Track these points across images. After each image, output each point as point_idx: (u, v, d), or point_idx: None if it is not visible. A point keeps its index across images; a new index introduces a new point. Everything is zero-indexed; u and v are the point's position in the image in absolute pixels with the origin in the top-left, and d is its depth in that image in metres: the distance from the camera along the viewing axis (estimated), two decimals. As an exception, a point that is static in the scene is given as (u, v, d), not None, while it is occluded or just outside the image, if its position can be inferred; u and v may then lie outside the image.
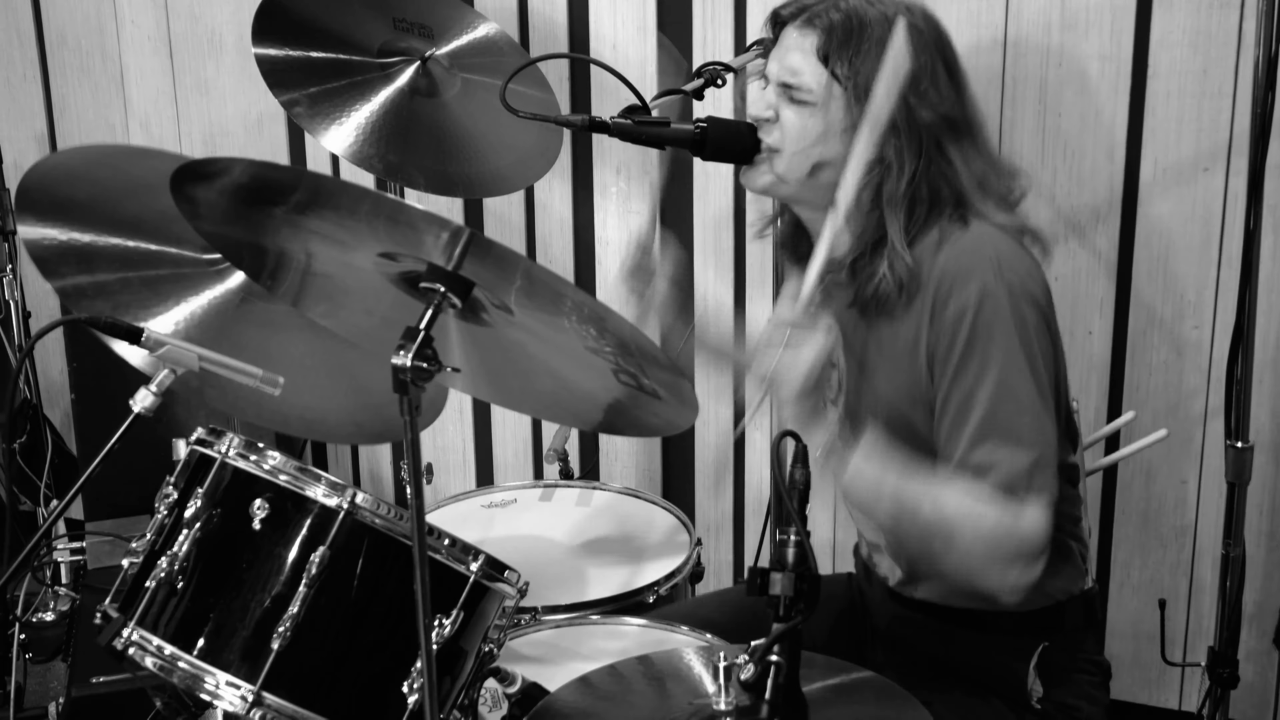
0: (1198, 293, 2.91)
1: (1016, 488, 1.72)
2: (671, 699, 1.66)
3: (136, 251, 1.97)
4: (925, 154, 1.81)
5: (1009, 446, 1.73)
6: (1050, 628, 1.90)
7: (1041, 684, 1.91)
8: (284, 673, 1.57)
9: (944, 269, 1.79)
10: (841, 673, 1.68)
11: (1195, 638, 3.16)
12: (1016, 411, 1.74)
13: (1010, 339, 1.75)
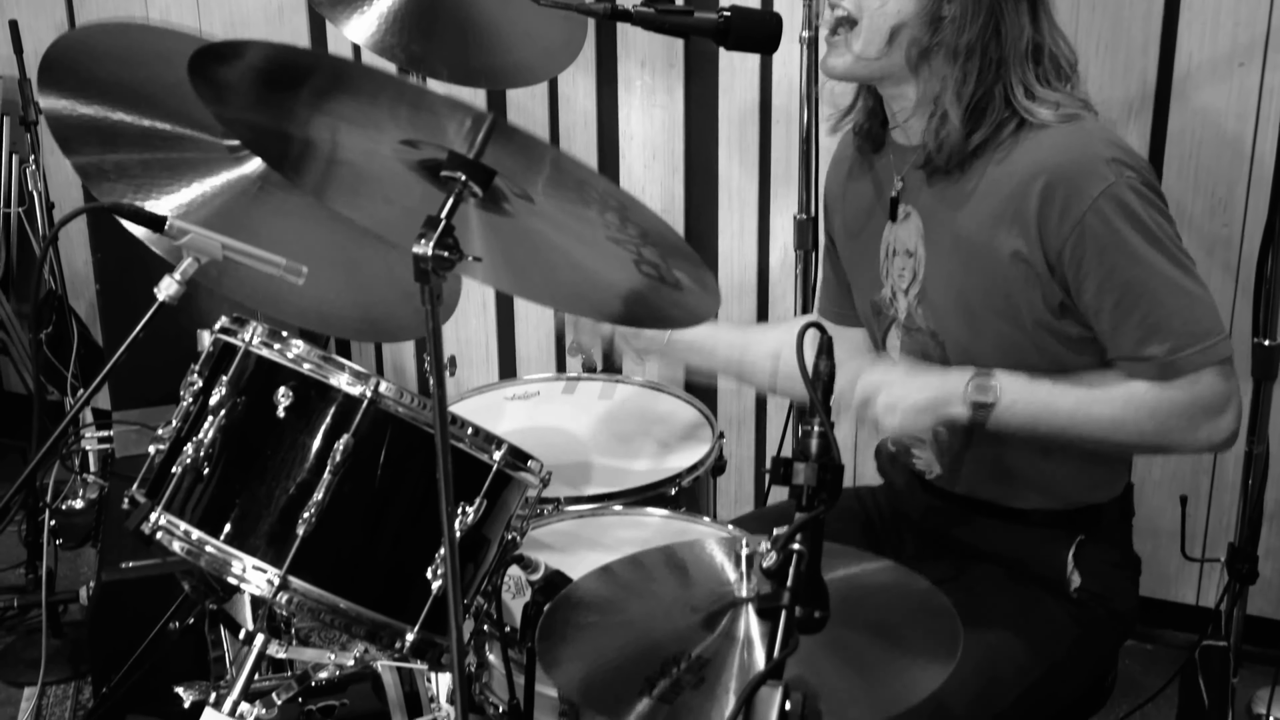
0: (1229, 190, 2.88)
1: (1188, 366, 1.75)
2: (693, 588, 1.68)
3: (158, 133, 1.95)
4: (989, 9, 1.78)
5: (1174, 334, 1.74)
6: (1088, 522, 1.90)
7: (1079, 575, 1.92)
8: (309, 558, 1.59)
9: (1051, 162, 1.77)
10: (863, 561, 1.69)
11: (1215, 534, 3.17)
12: (1175, 297, 1.75)
13: (1149, 228, 1.75)
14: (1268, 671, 2.97)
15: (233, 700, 1.62)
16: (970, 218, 1.85)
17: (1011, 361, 1.84)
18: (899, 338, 2.01)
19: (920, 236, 1.93)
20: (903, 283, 1.97)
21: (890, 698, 1.42)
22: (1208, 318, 1.76)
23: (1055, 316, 1.82)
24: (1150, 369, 1.76)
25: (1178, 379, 1.75)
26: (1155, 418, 1.77)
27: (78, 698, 3.38)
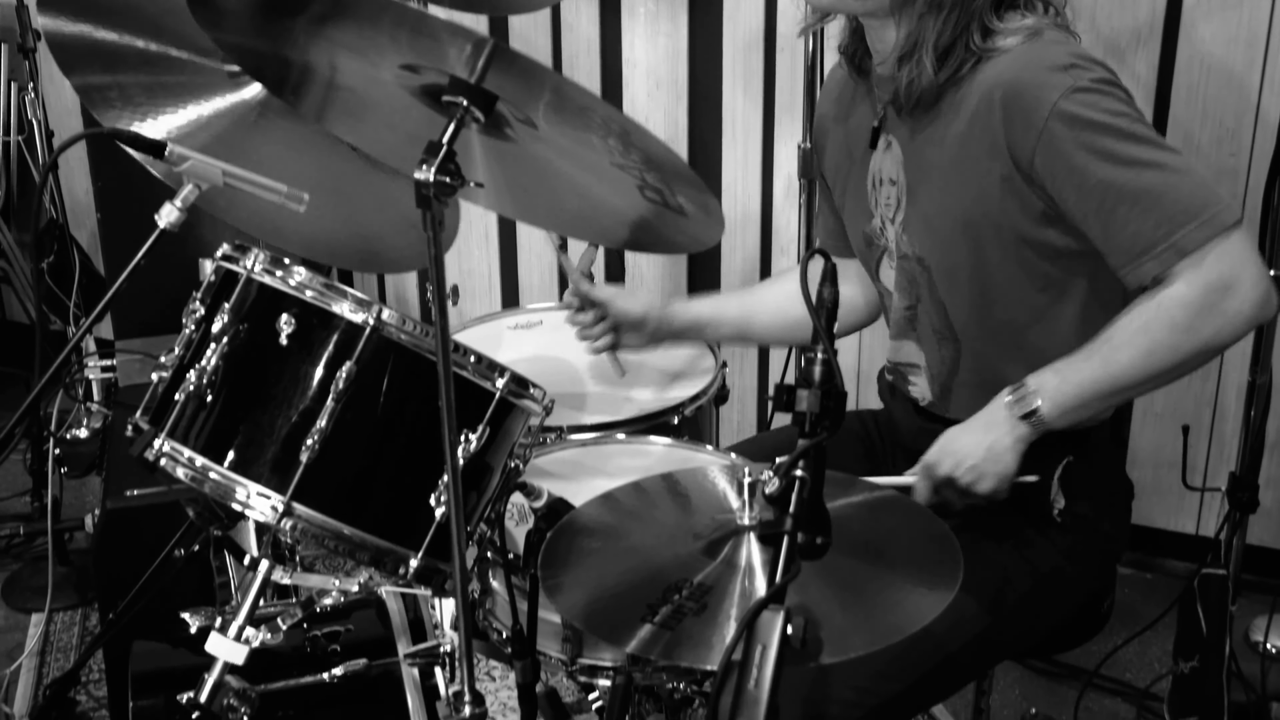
0: (1237, 119, 2.86)
1: (1191, 245, 1.71)
2: (695, 514, 1.68)
3: (159, 56, 1.94)
4: None
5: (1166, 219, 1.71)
6: (1075, 445, 1.91)
7: (1064, 497, 1.93)
8: (313, 484, 1.59)
9: (1008, 77, 1.77)
10: (865, 490, 1.70)
11: (1216, 464, 3.18)
12: (1158, 182, 1.73)
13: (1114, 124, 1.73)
14: (1266, 600, 2.99)
15: (238, 625, 1.63)
16: (942, 144, 1.86)
17: (995, 283, 1.86)
18: (891, 268, 2.02)
19: (900, 165, 1.94)
20: (889, 211, 1.98)
21: (890, 626, 1.43)
22: (1198, 193, 1.72)
23: (1038, 225, 1.82)
24: (1155, 264, 1.73)
25: (1184, 267, 1.71)
26: (1177, 326, 1.74)
27: (85, 624, 3.41)
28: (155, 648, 2.16)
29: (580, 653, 1.84)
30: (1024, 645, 2.06)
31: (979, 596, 1.88)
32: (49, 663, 3.25)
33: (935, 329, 1.98)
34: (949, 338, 1.97)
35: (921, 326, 2.01)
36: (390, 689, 2.05)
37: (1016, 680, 3.15)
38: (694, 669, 1.82)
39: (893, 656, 1.73)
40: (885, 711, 1.83)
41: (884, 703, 1.82)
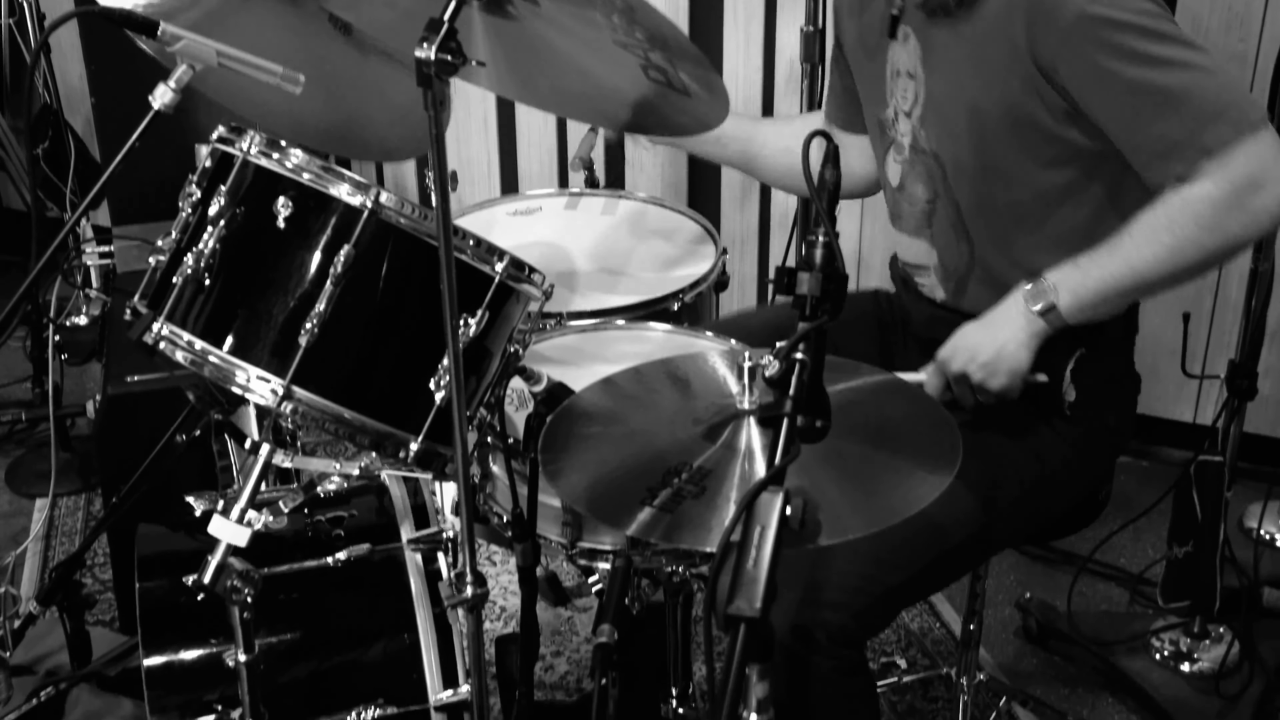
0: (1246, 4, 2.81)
1: (1217, 144, 1.69)
2: (695, 399, 1.69)
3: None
4: None
5: (1192, 117, 1.70)
6: (1090, 338, 1.90)
7: (1075, 390, 1.93)
8: (312, 368, 1.59)
9: None
10: (866, 375, 1.70)
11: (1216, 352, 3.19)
12: (1184, 81, 1.70)
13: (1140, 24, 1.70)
14: (1260, 488, 3.02)
15: (240, 508, 1.64)
16: (961, 42, 1.83)
17: (1011, 182, 1.84)
18: (898, 163, 2.00)
19: (918, 59, 1.91)
20: (905, 104, 1.95)
21: (888, 509, 1.44)
22: (1225, 92, 1.70)
23: (1059, 124, 1.79)
24: (1180, 164, 1.71)
25: (1210, 166, 1.69)
26: (1203, 224, 1.72)
27: (89, 509, 3.44)
28: (159, 531, 2.18)
29: (580, 536, 1.86)
30: (1021, 537, 2.07)
31: (983, 487, 1.89)
32: (54, 547, 3.29)
33: (951, 225, 1.96)
34: (963, 235, 1.95)
35: (938, 222, 1.99)
36: (393, 573, 2.07)
37: (1012, 566, 3.18)
38: (693, 552, 1.84)
39: (895, 544, 1.75)
40: (887, 600, 1.85)
41: (886, 591, 1.83)
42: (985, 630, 2.70)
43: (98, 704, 2.55)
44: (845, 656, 1.81)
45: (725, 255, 2.41)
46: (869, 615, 1.82)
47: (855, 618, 1.79)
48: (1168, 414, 3.47)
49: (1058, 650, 2.88)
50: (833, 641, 1.79)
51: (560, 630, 2.93)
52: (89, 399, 3.27)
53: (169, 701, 1.98)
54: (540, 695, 2.72)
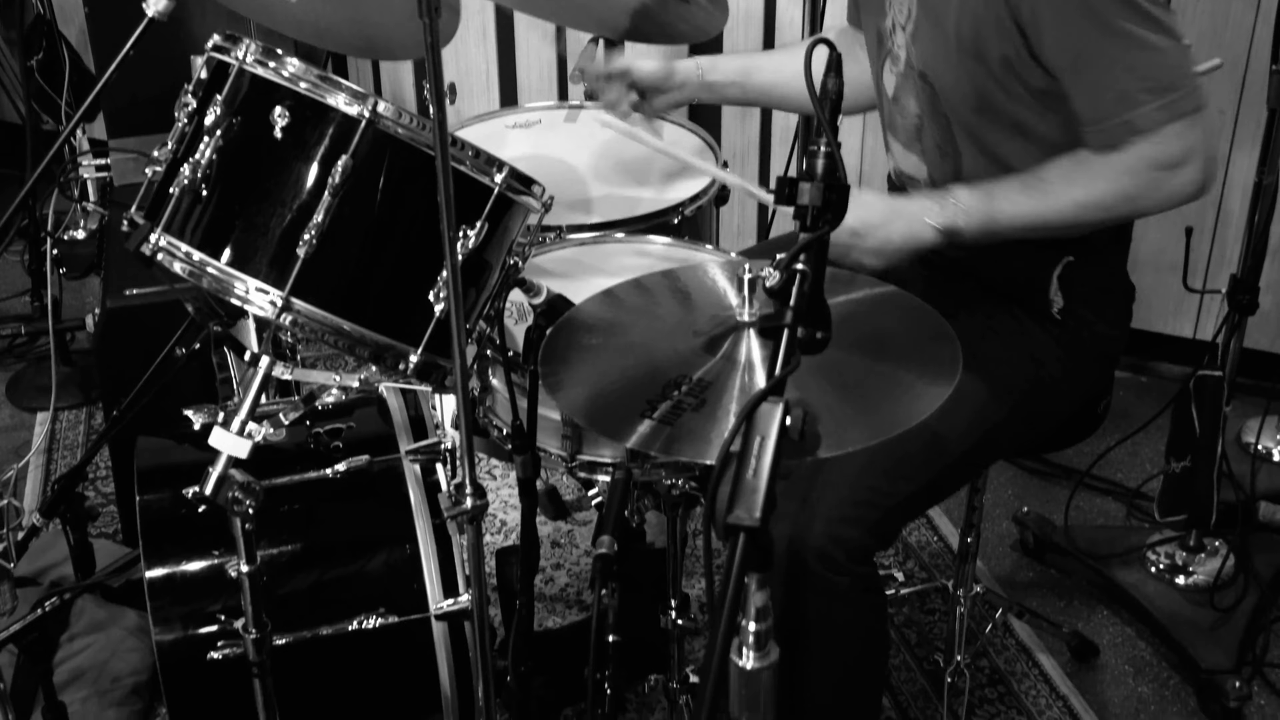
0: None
1: (1146, 124, 1.73)
2: (695, 311, 1.68)
3: None
4: None
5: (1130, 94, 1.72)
6: (1076, 245, 1.90)
7: (1063, 296, 1.93)
8: (311, 279, 1.58)
9: None
10: (866, 286, 1.69)
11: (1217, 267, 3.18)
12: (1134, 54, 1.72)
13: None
14: (1259, 403, 3.03)
15: (240, 420, 1.64)
16: None
17: (986, 106, 1.85)
18: (893, 74, 1.99)
19: None
20: (901, 18, 1.94)
21: (887, 420, 1.44)
22: (1170, 73, 1.72)
23: (1020, 62, 1.79)
24: (1107, 135, 1.76)
25: (1137, 142, 1.74)
26: (1118, 192, 1.78)
27: (90, 422, 3.45)
28: (160, 444, 2.18)
29: (579, 449, 1.86)
30: (1021, 444, 2.08)
31: (981, 396, 1.89)
32: (56, 460, 3.30)
33: (938, 144, 1.96)
34: (950, 154, 1.95)
35: (926, 139, 1.98)
36: (392, 484, 2.08)
37: (1009, 480, 3.20)
38: (692, 464, 1.84)
39: (904, 456, 1.76)
40: (898, 510, 1.86)
41: (898, 502, 1.84)
42: (982, 544, 2.72)
43: (102, 615, 2.58)
44: (862, 574, 1.83)
45: (726, 168, 2.40)
46: (880, 529, 1.83)
47: (869, 532, 1.80)
48: (1167, 329, 3.46)
49: (1054, 563, 2.91)
50: (851, 560, 1.80)
51: (560, 543, 2.95)
52: (88, 313, 3.27)
53: (172, 612, 2.00)
54: (540, 608, 2.74)
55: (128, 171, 3.22)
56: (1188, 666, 2.58)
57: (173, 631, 1.99)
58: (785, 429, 1.13)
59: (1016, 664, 2.65)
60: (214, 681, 1.97)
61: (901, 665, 2.64)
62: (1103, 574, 2.79)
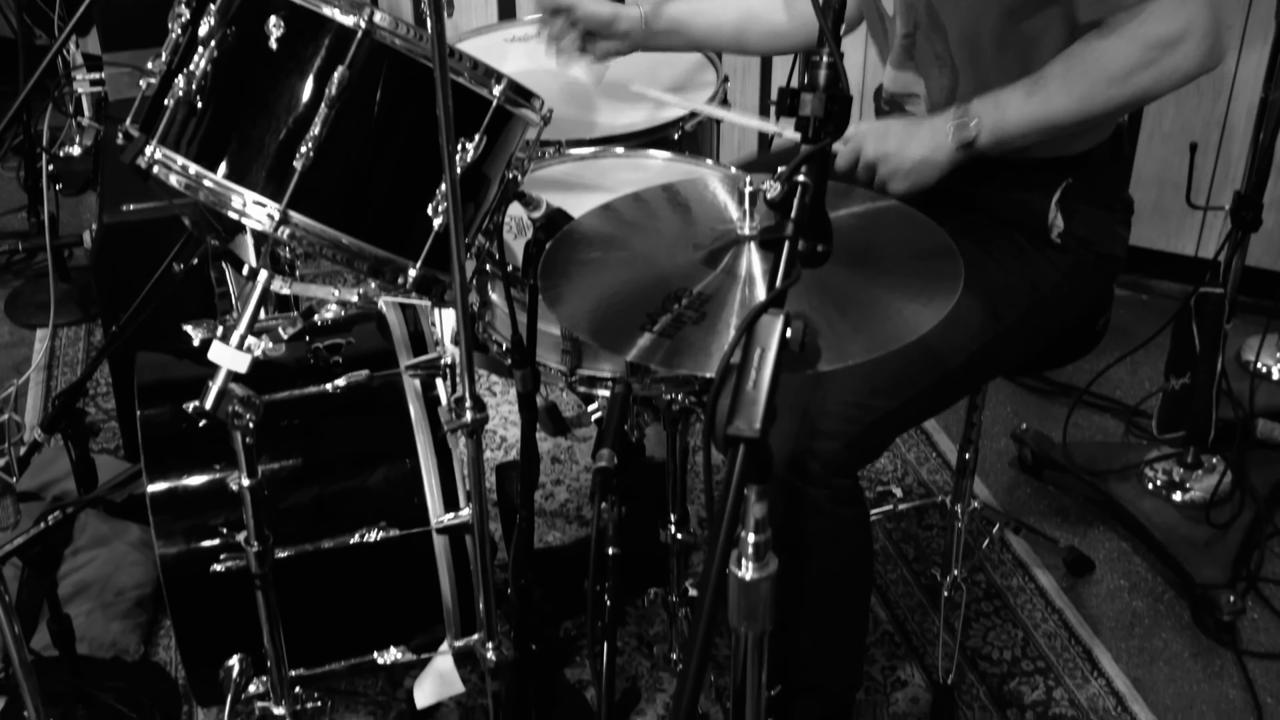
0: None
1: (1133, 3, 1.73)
2: (696, 225, 1.67)
3: None
4: None
5: None
6: (1076, 166, 1.89)
7: (1063, 219, 1.92)
8: (309, 192, 1.57)
9: None
10: (868, 200, 1.68)
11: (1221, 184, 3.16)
12: None
13: None
14: (1259, 321, 3.03)
15: (239, 334, 1.63)
16: None
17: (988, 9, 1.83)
18: None
19: None
20: None
21: (888, 335, 1.43)
22: None
23: None
24: (1092, 10, 1.76)
25: (1123, 20, 1.73)
26: (1113, 78, 1.77)
27: (89, 339, 3.45)
28: (159, 359, 2.18)
29: (579, 364, 1.86)
30: (1019, 361, 2.08)
31: (977, 312, 1.89)
32: (56, 376, 3.31)
33: (936, 54, 1.93)
34: (947, 64, 1.93)
35: (920, 53, 1.96)
36: (392, 399, 2.08)
37: (1009, 397, 3.21)
38: (692, 380, 1.85)
39: (891, 371, 1.76)
40: (882, 424, 1.87)
41: (881, 416, 1.85)
42: (981, 460, 2.73)
43: (105, 529, 2.59)
44: (839, 485, 1.83)
45: (726, 83, 2.37)
46: (862, 443, 1.84)
47: (848, 446, 1.81)
48: (1169, 247, 3.45)
49: (1051, 480, 2.92)
50: (827, 471, 1.81)
51: (560, 459, 2.96)
52: (85, 229, 3.26)
53: (174, 526, 2.01)
54: (540, 523, 2.76)
55: (123, 86, 3.18)
56: (1183, 581, 2.60)
57: (175, 545, 2.01)
58: (785, 341, 1.12)
59: (1012, 579, 2.67)
60: (217, 594, 1.98)
61: (899, 580, 2.66)
62: (1100, 490, 2.80)
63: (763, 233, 1.24)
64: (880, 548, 2.74)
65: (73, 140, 3.71)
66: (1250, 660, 2.46)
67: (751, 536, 1.17)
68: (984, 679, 2.42)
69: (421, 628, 2.12)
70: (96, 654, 2.38)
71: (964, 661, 2.44)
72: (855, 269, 1.50)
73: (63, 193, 3.64)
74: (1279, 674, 2.43)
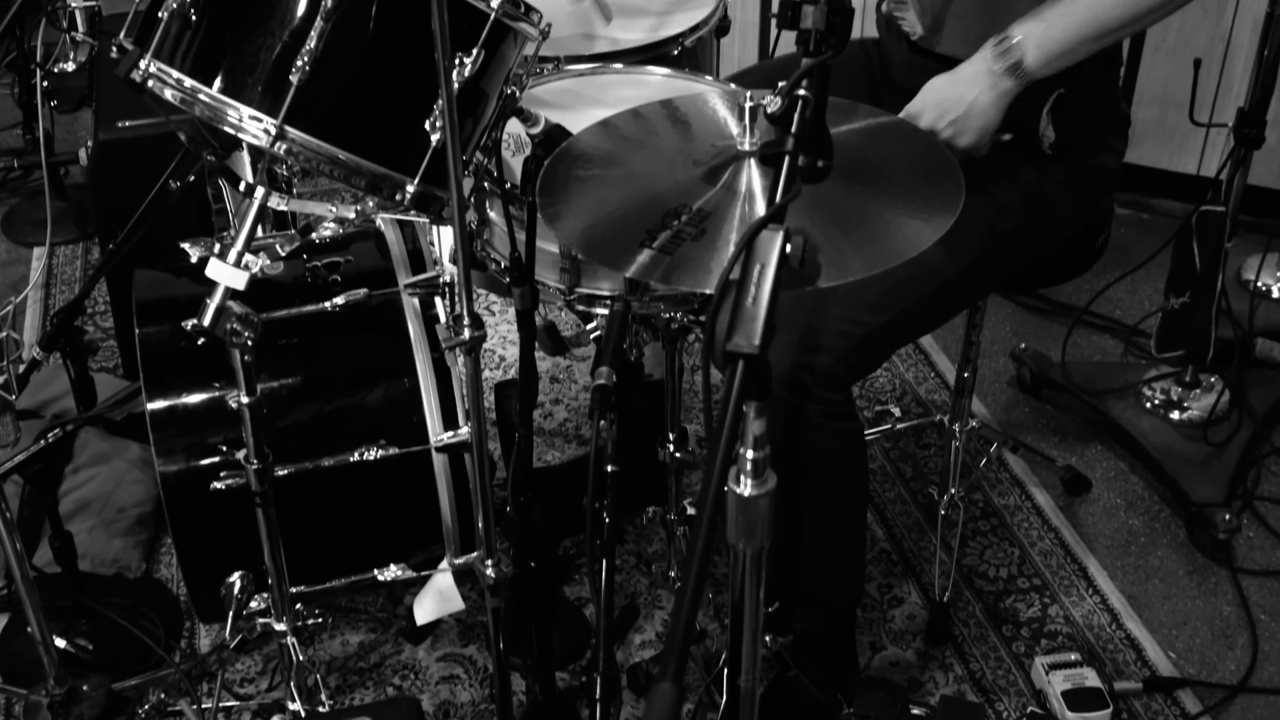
0: None
1: None
2: (695, 141, 1.66)
3: None
4: None
5: None
6: (1068, 78, 1.87)
7: (1054, 130, 1.91)
8: (305, 107, 1.55)
9: None
10: (869, 116, 1.67)
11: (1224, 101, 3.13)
12: None
13: None
14: (1260, 240, 3.02)
15: (237, 250, 1.62)
16: None
17: None
18: None
19: None
20: None
21: (888, 251, 1.43)
22: None
23: None
24: None
25: None
26: None
27: (86, 258, 3.44)
28: (157, 276, 2.18)
29: (578, 282, 1.86)
30: (1015, 274, 2.07)
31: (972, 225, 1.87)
32: (54, 295, 3.30)
33: None
34: None
35: None
36: (391, 317, 2.08)
37: (1008, 317, 3.20)
38: (691, 297, 1.84)
39: (884, 285, 1.75)
40: (874, 339, 1.87)
41: (873, 330, 1.85)
42: (979, 380, 2.74)
43: (105, 447, 2.60)
44: (833, 400, 1.84)
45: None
46: (854, 357, 1.84)
47: (840, 360, 1.81)
48: (1171, 165, 3.43)
49: (1050, 399, 2.93)
50: (819, 385, 1.81)
51: (559, 379, 2.96)
52: (81, 146, 3.23)
53: (174, 444, 2.02)
54: (539, 442, 2.77)
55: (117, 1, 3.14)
56: (1179, 500, 2.61)
57: (176, 463, 2.02)
58: (785, 257, 1.12)
59: (1009, 497, 2.68)
60: (217, 512, 2.00)
61: (896, 499, 2.68)
62: (1098, 409, 2.81)
63: (763, 147, 1.23)
64: (878, 467, 2.75)
65: (67, 56, 3.66)
66: (1245, 577, 2.48)
67: (750, 453, 1.17)
68: (980, 596, 2.45)
69: (421, 545, 2.13)
70: (98, 571, 2.40)
71: (960, 579, 2.46)
72: (855, 185, 1.49)
73: (58, 109, 3.61)
74: (1272, 591, 2.46)
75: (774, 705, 2.07)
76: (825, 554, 1.99)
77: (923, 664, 2.31)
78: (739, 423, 1.11)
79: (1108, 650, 2.34)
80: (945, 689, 2.26)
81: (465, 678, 2.27)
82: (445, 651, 2.32)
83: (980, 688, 2.27)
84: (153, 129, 2.57)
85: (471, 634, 2.34)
